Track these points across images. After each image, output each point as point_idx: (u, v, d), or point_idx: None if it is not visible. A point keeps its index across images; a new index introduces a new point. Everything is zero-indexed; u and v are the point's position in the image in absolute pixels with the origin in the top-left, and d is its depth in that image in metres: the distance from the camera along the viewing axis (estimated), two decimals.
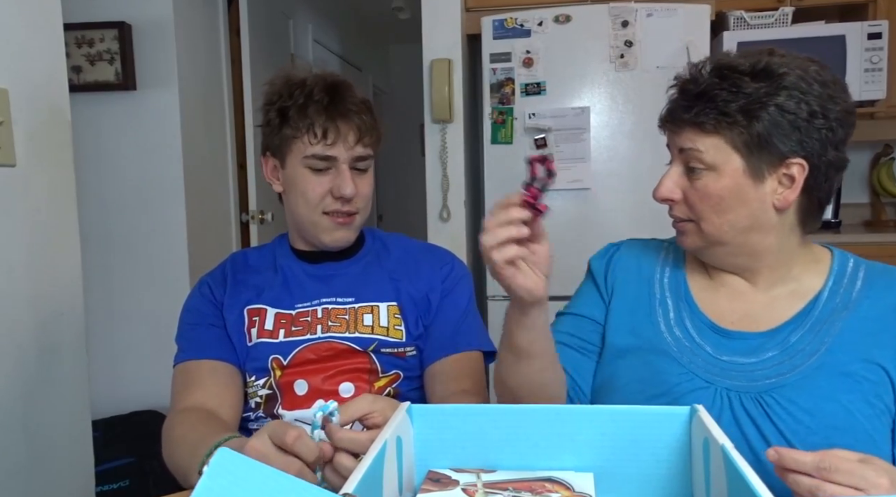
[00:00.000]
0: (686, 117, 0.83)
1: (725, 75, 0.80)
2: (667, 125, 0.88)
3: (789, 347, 0.83)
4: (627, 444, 0.64)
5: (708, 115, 0.80)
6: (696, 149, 0.82)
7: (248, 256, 1.15)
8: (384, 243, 1.16)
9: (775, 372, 0.82)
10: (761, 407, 0.80)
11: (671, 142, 0.88)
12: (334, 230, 1.05)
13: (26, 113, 1.23)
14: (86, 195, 2.15)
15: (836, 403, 0.78)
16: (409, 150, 5.24)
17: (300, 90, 1.01)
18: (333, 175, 1.02)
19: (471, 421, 0.66)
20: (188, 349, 1.05)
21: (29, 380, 1.24)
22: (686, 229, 0.87)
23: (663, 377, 0.85)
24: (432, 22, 2.55)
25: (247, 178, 2.80)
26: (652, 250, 0.99)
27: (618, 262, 0.98)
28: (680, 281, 0.93)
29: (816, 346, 0.82)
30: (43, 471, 1.27)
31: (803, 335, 0.83)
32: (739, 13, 2.46)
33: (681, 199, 0.86)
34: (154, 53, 2.37)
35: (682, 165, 0.85)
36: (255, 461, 0.46)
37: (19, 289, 1.22)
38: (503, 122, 2.36)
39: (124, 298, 2.45)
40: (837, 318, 0.83)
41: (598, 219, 2.30)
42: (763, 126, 0.78)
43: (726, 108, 0.79)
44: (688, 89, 0.84)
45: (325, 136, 1.00)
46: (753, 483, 0.47)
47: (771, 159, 0.80)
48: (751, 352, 0.85)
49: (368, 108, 1.04)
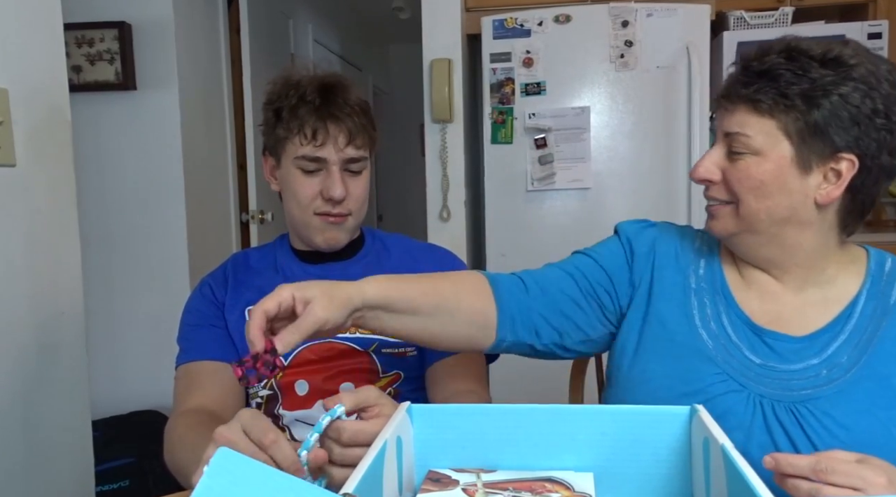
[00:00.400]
0: (743, 93, 0.79)
1: (794, 57, 0.76)
2: (721, 101, 0.83)
3: (827, 358, 0.80)
4: (627, 444, 0.64)
5: (767, 93, 0.77)
6: (744, 134, 0.79)
7: (250, 257, 1.15)
8: (384, 243, 1.16)
9: (811, 383, 0.78)
10: (795, 418, 0.77)
11: (719, 122, 0.84)
12: (325, 230, 1.04)
13: (26, 113, 1.22)
14: (86, 195, 2.15)
15: (874, 419, 0.75)
16: (409, 150, 5.24)
17: (294, 90, 1.01)
18: (324, 176, 1.02)
19: (471, 421, 0.66)
20: (189, 350, 1.05)
21: (29, 379, 1.24)
22: (721, 212, 0.83)
23: (696, 375, 0.82)
24: (432, 22, 2.55)
25: (247, 178, 2.80)
26: (688, 238, 0.94)
27: (660, 246, 0.92)
28: (716, 273, 0.89)
29: (856, 357, 0.79)
30: (43, 471, 1.27)
31: (841, 347, 0.80)
32: (739, 13, 2.46)
33: (720, 180, 0.82)
34: (154, 53, 2.37)
35: (725, 147, 0.82)
36: (256, 461, 0.46)
37: (19, 288, 1.22)
38: (503, 121, 2.36)
39: (124, 298, 2.45)
40: (877, 326, 0.80)
41: (598, 219, 2.30)
42: (822, 115, 0.74)
43: (787, 89, 0.75)
44: (751, 66, 0.79)
45: (315, 137, 0.99)
46: (753, 483, 0.47)
47: (822, 151, 0.76)
48: (787, 357, 0.81)
49: (363, 110, 1.03)
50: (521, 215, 2.37)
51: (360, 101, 1.04)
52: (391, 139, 5.32)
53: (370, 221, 4.71)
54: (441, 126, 2.56)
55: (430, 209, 2.59)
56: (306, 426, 1.02)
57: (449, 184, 2.58)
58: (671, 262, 0.91)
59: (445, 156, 2.57)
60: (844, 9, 2.62)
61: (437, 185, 2.59)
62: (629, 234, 0.94)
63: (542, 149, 2.32)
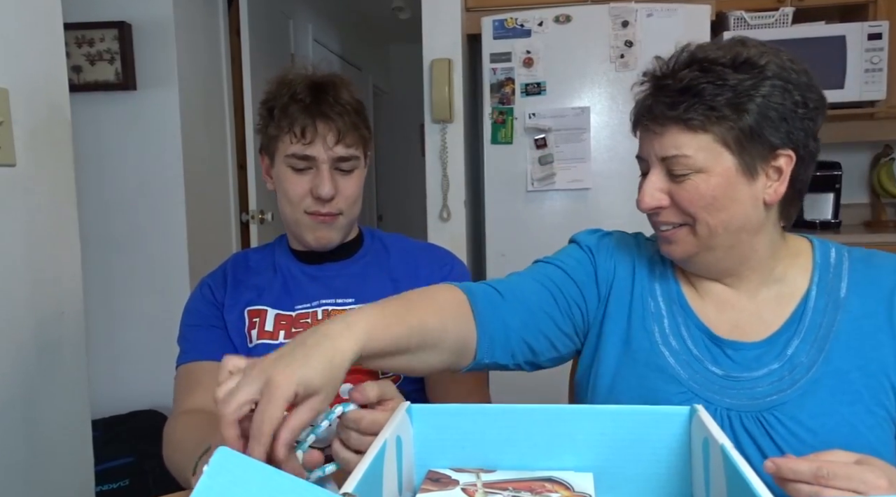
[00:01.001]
0: (671, 114, 0.77)
1: (707, 68, 0.76)
2: (647, 126, 0.81)
3: (788, 360, 0.80)
4: (627, 444, 0.64)
5: (696, 110, 0.76)
6: (683, 155, 0.77)
7: (249, 257, 1.15)
8: (383, 243, 1.15)
9: (775, 388, 0.79)
10: (762, 427, 0.77)
11: (648, 148, 0.82)
12: (316, 229, 1.04)
13: (26, 113, 1.23)
14: (86, 195, 2.15)
15: (839, 417, 0.76)
16: (409, 150, 5.24)
17: (287, 89, 1.01)
18: (314, 175, 1.02)
19: (471, 421, 0.66)
20: (189, 351, 1.05)
21: (29, 379, 1.24)
22: (677, 236, 0.82)
23: (662, 396, 0.82)
24: (432, 22, 2.55)
25: (247, 178, 2.80)
26: (643, 248, 0.93)
27: (619, 260, 0.92)
28: (672, 286, 0.88)
29: (814, 356, 0.79)
30: (43, 470, 1.27)
31: (800, 345, 0.80)
32: (739, 13, 2.46)
33: (669, 204, 0.81)
34: (154, 53, 2.37)
35: (663, 171, 0.80)
36: (256, 461, 0.46)
37: (19, 288, 1.22)
38: (503, 122, 2.36)
39: (124, 298, 2.45)
40: (830, 321, 0.80)
41: (598, 219, 2.30)
42: (753, 119, 0.75)
43: (714, 102, 0.75)
44: (666, 85, 0.78)
45: (304, 135, 0.99)
46: (753, 483, 0.47)
47: (762, 153, 0.77)
48: (748, 365, 0.81)
49: (355, 109, 1.03)
50: (521, 215, 2.37)
51: (353, 100, 1.04)
52: (391, 139, 5.32)
53: (370, 221, 4.71)
54: (441, 126, 2.56)
55: (430, 209, 2.60)
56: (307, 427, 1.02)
57: (449, 184, 2.58)
58: (629, 277, 0.90)
59: (445, 156, 2.57)
60: (844, 9, 2.62)
61: (437, 185, 2.59)
62: (591, 246, 0.94)
63: (542, 149, 2.32)
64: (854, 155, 2.84)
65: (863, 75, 2.37)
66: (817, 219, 2.66)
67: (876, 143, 2.83)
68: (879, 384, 0.77)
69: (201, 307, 1.08)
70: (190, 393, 1.00)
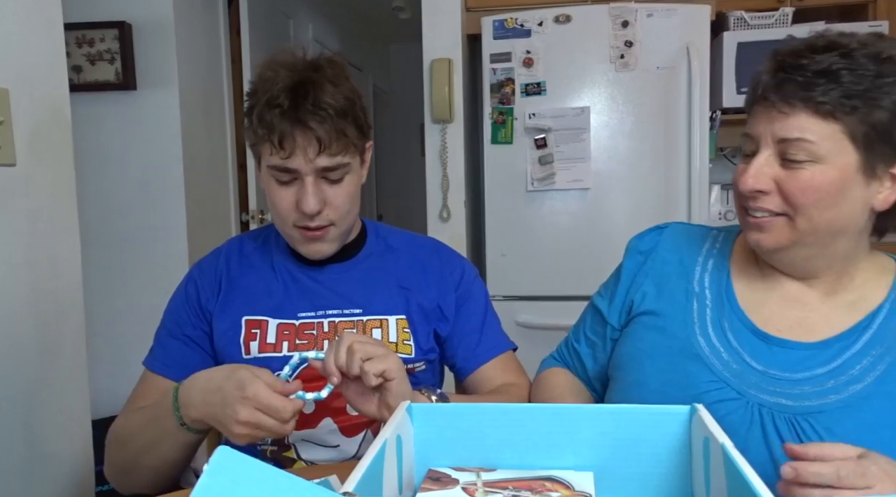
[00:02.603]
0: (804, 95, 0.72)
1: (847, 55, 0.71)
2: (773, 103, 0.75)
3: (837, 368, 0.76)
4: (627, 443, 0.64)
5: (831, 95, 0.70)
6: (806, 139, 0.72)
7: (245, 246, 1.09)
8: (388, 243, 1.10)
9: (816, 394, 0.75)
10: (795, 431, 0.74)
11: (765, 126, 0.76)
12: (307, 243, 0.98)
13: (27, 113, 1.22)
14: (86, 195, 2.15)
15: (878, 439, 0.71)
16: (409, 150, 5.24)
17: (266, 87, 0.90)
18: (299, 187, 0.93)
19: (471, 420, 0.66)
20: (158, 359, 1.02)
21: (29, 379, 1.24)
22: (773, 225, 0.77)
23: (692, 381, 0.80)
24: (432, 22, 2.55)
25: (247, 178, 2.80)
26: (697, 240, 0.91)
27: (663, 250, 0.91)
28: (723, 277, 0.86)
29: (868, 370, 0.75)
30: (43, 471, 1.27)
31: (855, 356, 0.76)
32: (740, 13, 2.46)
33: (773, 190, 0.76)
34: (154, 53, 2.37)
35: (775, 155, 0.75)
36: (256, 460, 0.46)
37: (19, 288, 1.22)
38: (503, 122, 2.36)
39: (125, 298, 2.45)
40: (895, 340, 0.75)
41: (598, 219, 2.30)
42: (886, 116, 0.70)
43: (851, 90, 0.70)
44: (802, 64, 0.73)
45: (282, 146, 0.89)
46: (753, 482, 0.47)
47: (887, 155, 0.72)
48: (794, 365, 0.77)
49: (340, 112, 0.90)
50: (521, 215, 2.37)
51: (340, 98, 0.91)
52: (391, 139, 5.32)
53: None
54: (441, 126, 2.56)
55: (430, 209, 2.59)
56: (314, 445, 0.99)
57: (449, 184, 2.58)
58: (674, 266, 0.89)
59: (445, 156, 2.57)
60: (844, 9, 2.62)
61: (437, 186, 2.59)
62: (630, 256, 0.96)
63: (542, 149, 2.32)
64: None
65: None
66: None
67: None
68: None
69: (182, 311, 1.04)
70: (145, 402, 0.98)
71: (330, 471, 0.81)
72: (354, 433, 1.00)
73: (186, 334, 1.03)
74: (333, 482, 0.75)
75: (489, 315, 1.10)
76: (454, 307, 1.06)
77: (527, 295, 2.37)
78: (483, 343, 1.07)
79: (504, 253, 2.39)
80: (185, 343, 1.02)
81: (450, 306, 1.06)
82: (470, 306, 1.08)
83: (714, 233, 0.92)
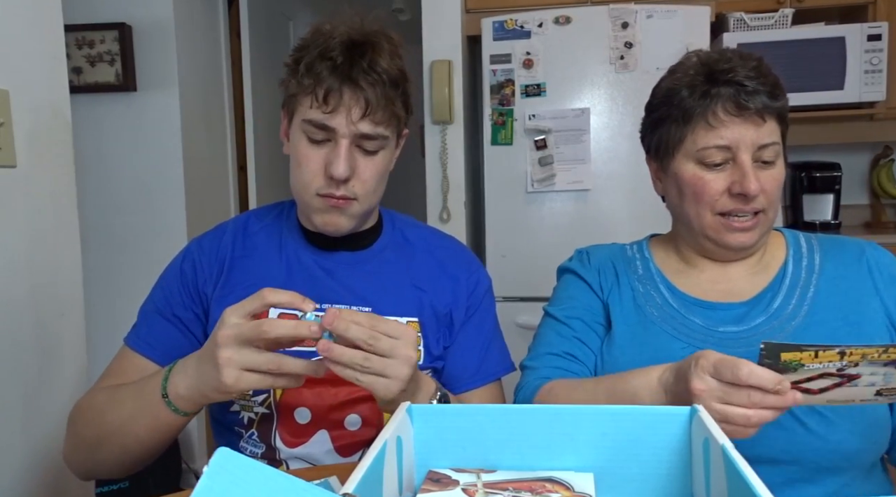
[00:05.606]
0: (775, 106, 0.83)
1: (745, 58, 0.85)
2: (745, 116, 0.83)
3: (773, 312, 0.87)
4: (627, 444, 0.64)
5: (781, 101, 0.84)
6: (776, 142, 0.84)
7: (250, 224, 1.02)
8: (405, 235, 1.04)
9: (767, 337, 0.83)
10: None
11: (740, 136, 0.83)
12: (325, 212, 0.91)
13: (27, 114, 1.23)
14: (86, 196, 2.15)
15: None
16: (409, 151, 5.22)
17: (321, 41, 0.86)
18: (330, 149, 0.88)
19: (471, 421, 0.66)
20: (138, 336, 0.96)
21: (29, 380, 1.24)
22: (757, 223, 0.87)
23: (668, 353, 0.85)
24: (432, 23, 2.55)
25: (247, 179, 2.80)
26: (619, 253, 1.01)
27: (601, 269, 0.99)
28: (654, 273, 0.96)
29: (797, 308, 0.86)
30: (43, 471, 1.27)
31: (783, 300, 0.87)
32: (739, 15, 2.46)
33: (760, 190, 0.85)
34: (154, 55, 2.37)
35: (750, 159, 0.84)
36: (256, 462, 0.46)
37: (19, 289, 1.22)
38: (503, 123, 2.36)
39: (124, 298, 2.44)
40: (808, 280, 0.88)
41: (598, 220, 2.30)
42: (785, 102, 0.84)
43: (781, 95, 0.84)
44: (761, 78, 0.83)
45: (326, 101, 0.84)
46: (753, 483, 0.47)
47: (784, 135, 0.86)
48: (739, 320, 0.88)
49: (393, 80, 0.87)
50: (521, 217, 2.37)
51: (394, 68, 0.88)
52: None
53: None
54: (441, 127, 2.57)
55: (430, 210, 2.60)
56: (306, 464, 0.93)
57: (449, 185, 2.58)
58: (613, 277, 0.98)
59: (445, 157, 2.57)
60: (844, 10, 2.63)
61: (437, 187, 2.59)
62: (585, 275, 1.00)
63: (541, 150, 2.32)
64: (854, 156, 2.85)
65: (862, 76, 2.37)
66: (817, 220, 2.66)
67: (876, 144, 2.83)
68: (862, 332, 0.83)
69: (174, 289, 0.96)
70: (119, 380, 0.92)
71: (330, 472, 0.81)
72: (351, 452, 0.94)
73: (176, 315, 0.96)
74: (333, 483, 0.75)
75: (496, 335, 1.04)
76: (463, 318, 1.00)
77: (527, 296, 2.37)
78: (479, 367, 1.00)
79: (504, 254, 2.39)
80: (173, 324, 0.95)
81: (459, 316, 1.00)
82: (478, 319, 1.02)
83: (627, 246, 1.03)
